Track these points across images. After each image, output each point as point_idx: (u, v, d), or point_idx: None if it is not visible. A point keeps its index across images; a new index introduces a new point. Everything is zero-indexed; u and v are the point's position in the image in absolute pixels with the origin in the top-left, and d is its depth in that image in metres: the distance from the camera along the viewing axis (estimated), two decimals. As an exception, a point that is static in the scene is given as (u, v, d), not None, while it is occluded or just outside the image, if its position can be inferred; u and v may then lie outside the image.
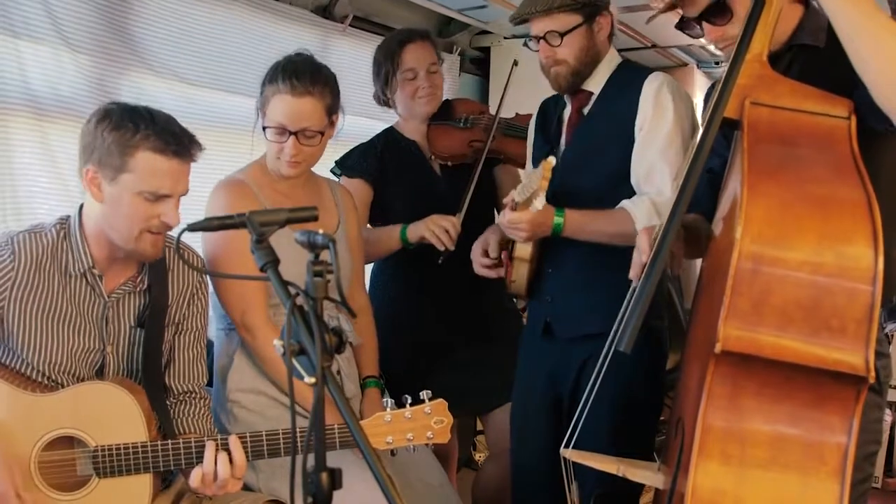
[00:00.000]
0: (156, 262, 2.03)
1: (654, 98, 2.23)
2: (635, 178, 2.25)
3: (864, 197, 1.44)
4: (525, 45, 2.38)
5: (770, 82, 1.67)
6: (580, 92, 2.35)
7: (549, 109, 2.54)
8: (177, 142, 1.88)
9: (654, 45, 4.65)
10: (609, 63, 2.35)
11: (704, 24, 1.87)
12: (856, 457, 1.44)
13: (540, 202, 1.99)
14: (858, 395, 1.43)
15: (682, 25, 1.94)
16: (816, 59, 1.78)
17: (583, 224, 2.21)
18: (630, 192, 2.25)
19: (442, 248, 2.59)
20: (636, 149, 2.25)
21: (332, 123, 2.29)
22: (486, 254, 2.42)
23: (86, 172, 1.88)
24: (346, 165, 2.84)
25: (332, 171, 2.85)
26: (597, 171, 2.30)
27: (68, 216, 1.98)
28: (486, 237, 2.45)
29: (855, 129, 1.58)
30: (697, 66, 5.24)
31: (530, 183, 2.03)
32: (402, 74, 2.80)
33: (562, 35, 2.24)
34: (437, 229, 2.59)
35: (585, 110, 2.36)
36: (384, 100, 2.88)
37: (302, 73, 2.20)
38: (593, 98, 2.35)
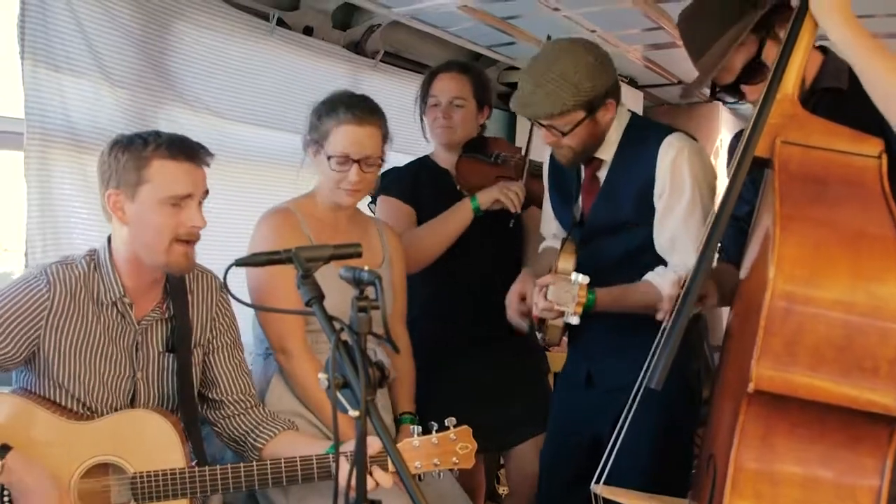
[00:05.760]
0: (177, 287, 2.08)
1: (670, 170, 2.21)
2: (659, 247, 2.27)
3: (896, 236, 1.45)
4: (530, 120, 2.36)
5: (801, 121, 1.68)
6: (592, 159, 2.34)
7: None
8: (185, 146, 1.97)
9: (680, 82, 4.67)
10: (617, 128, 2.31)
11: (742, 86, 1.88)
12: (889, 496, 1.43)
13: (575, 320, 2.07)
14: (891, 435, 1.42)
15: (720, 93, 1.94)
16: (840, 100, 1.79)
17: (612, 302, 2.21)
18: (653, 257, 2.26)
19: (513, 211, 2.69)
20: (657, 218, 2.25)
21: (383, 153, 2.34)
22: (522, 300, 2.35)
23: (108, 197, 1.95)
24: (381, 185, 2.87)
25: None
26: (620, 243, 2.31)
27: (96, 249, 2.04)
28: (524, 285, 2.37)
29: (886, 167, 1.59)
30: (723, 102, 5.26)
31: (565, 298, 2.07)
32: (429, 100, 2.88)
33: (565, 133, 2.22)
34: (510, 193, 2.68)
35: (600, 174, 2.36)
36: (422, 127, 2.96)
37: (362, 105, 2.29)
38: (606, 165, 2.34)
